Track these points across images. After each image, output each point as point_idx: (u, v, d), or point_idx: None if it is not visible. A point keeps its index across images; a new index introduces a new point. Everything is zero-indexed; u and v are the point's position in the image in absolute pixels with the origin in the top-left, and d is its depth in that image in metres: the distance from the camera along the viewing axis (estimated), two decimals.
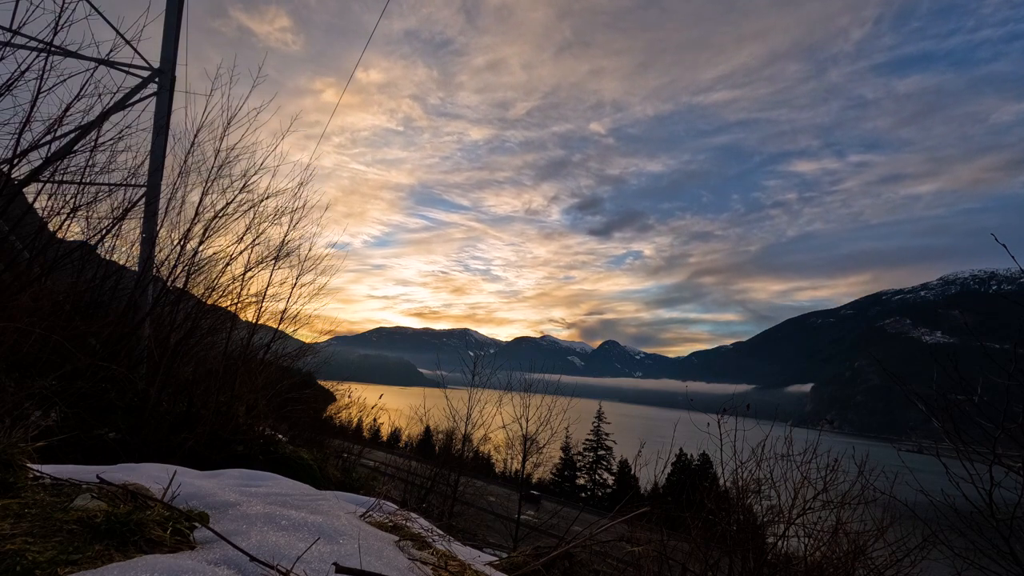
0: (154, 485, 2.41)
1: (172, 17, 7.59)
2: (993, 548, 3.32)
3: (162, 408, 5.46)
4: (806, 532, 4.38)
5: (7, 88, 4.10)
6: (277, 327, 7.56)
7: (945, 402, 3.72)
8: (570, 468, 60.98)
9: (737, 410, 5.30)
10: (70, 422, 3.84)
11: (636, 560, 3.99)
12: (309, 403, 10.09)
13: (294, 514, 2.29)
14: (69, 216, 5.56)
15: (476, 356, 13.62)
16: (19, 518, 1.80)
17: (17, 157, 4.32)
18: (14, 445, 2.09)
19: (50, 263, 5.40)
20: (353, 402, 14.25)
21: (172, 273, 6.29)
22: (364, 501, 3.41)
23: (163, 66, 7.56)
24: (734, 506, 4.76)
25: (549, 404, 13.19)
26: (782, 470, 4.70)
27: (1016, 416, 3.27)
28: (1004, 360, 3.36)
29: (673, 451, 6.45)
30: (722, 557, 4.40)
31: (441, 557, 2.56)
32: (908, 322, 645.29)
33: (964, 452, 3.49)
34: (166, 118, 7.48)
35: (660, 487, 11.08)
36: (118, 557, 1.66)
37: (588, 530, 3.68)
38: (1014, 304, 3.78)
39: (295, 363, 9.05)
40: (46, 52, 4.28)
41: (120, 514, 1.85)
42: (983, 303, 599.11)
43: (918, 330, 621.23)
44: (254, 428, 6.24)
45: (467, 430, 12.86)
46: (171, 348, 5.72)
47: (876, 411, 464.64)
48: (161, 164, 7.17)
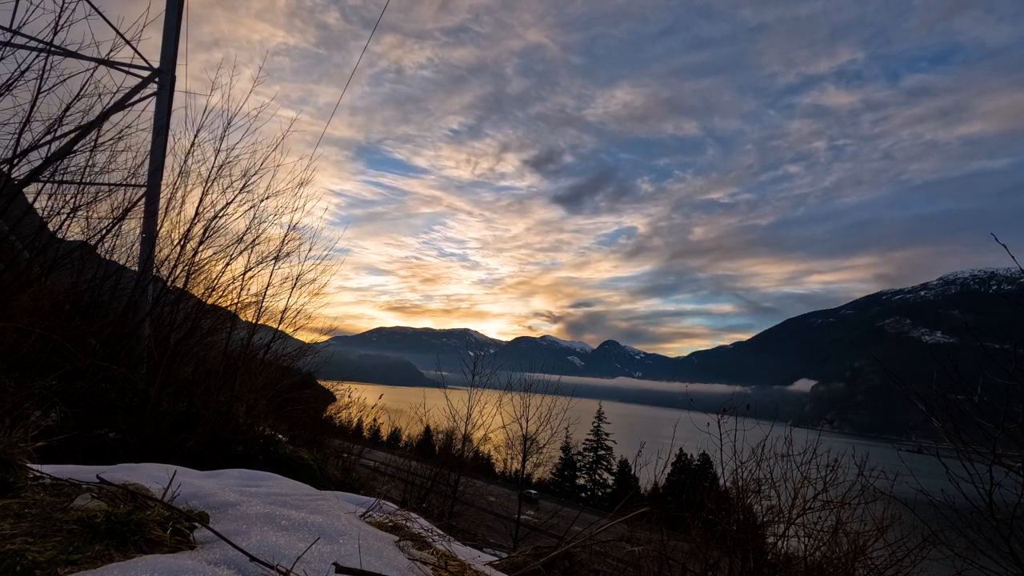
0: (154, 485, 2.41)
1: (172, 17, 7.59)
2: (993, 548, 3.32)
3: (162, 408, 5.46)
4: (806, 532, 4.38)
5: (7, 88, 4.10)
6: (277, 327, 7.57)
7: (945, 402, 3.72)
8: (570, 468, 61.00)
9: (737, 410, 5.30)
10: (70, 422, 3.84)
11: (636, 560, 3.99)
12: (309, 403, 10.10)
13: (294, 514, 2.29)
14: (69, 216, 5.56)
15: (476, 356, 13.62)
16: (19, 518, 1.80)
17: (17, 157, 4.32)
18: (14, 445, 2.09)
19: (50, 263, 5.40)
20: (353, 402, 14.27)
21: (172, 273, 6.29)
22: (364, 501, 3.41)
23: (163, 66, 7.56)
24: (734, 506, 4.77)
25: (549, 404, 13.19)
26: (782, 470, 4.70)
27: (1016, 416, 3.27)
28: (1004, 360, 3.36)
29: (673, 451, 6.45)
30: (722, 557, 4.40)
31: (441, 557, 2.56)
32: (908, 322, 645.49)
33: (964, 452, 3.49)
34: (166, 118, 7.47)
35: (660, 487, 11.08)
36: (118, 557, 1.66)
37: (588, 530, 3.68)
38: (1014, 304, 3.78)
39: (295, 363, 9.05)
40: (46, 52, 4.28)
41: (120, 514, 1.85)
42: (983, 303, 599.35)
43: (918, 330, 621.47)
44: (254, 428, 6.24)
45: (467, 430, 12.86)
46: (171, 348, 5.72)
47: (876, 411, 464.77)
48: (161, 164, 7.17)
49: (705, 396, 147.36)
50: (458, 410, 12.75)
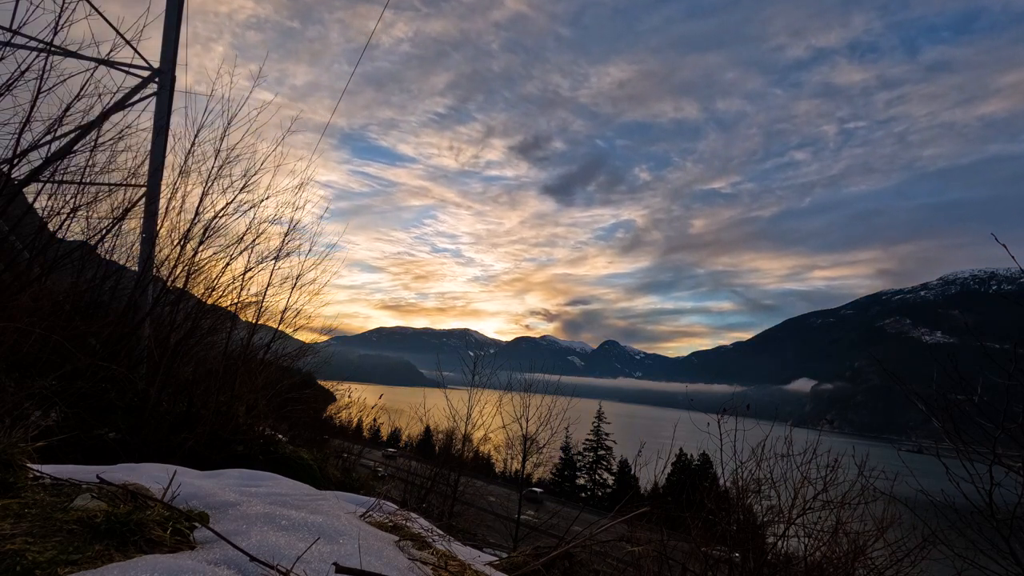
0: (154, 485, 2.41)
1: (172, 17, 7.59)
2: (993, 548, 3.32)
3: (162, 408, 5.46)
4: (806, 532, 4.38)
5: (7, 88, 4.10)
6: (277, 327, 7.57)
7: (945, 402, 3.72)
8: (570, 468, 61.02)
9: (737, 410, 5.31)
10: (70, 422, 3.84)
11: (636, 560, 3.99)
12: (309, 403, 10.10)
13: (294, 514, 2.29)
14: (69, 216, 5.56)
15: (476, 356, 13.62)
16: (19, 518, 1.80)
17: (17, 157, 4.32)
18: (14, 445, 2.09)
19: (50, 263, 5.40)
20: (353, 402, 14.27)
21: (172, 273, 6.29)
22: (364, 501, 3.41)
23: (163, 66, 7.56)
24: (734, 506, 4.77)
25: (549, 404, 13.19)
26: (782, 470, 4.70)
27: (1016, 416, 3.27)
28: (1004, 360, 3.36)
29: (673, 451, 6.46)
30: (722, 557, 4.40)
31: (441, 557, 2.56)
32: (908, 322, 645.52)
33: (964, 452, 3.49)
34: (166, 118, 7.48)
35: (660, 487, 11.08)
36: (118, 557, 1.66)
37: (588, 530, 3.68)
38: (1014, 304, 3.78)
39: (295, 363, 9.05)
40: (46, 52, 4.28)
41: (120, 514, 1.85)
42: (983, 303, 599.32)
43: (918, 330, 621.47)
44: (254, 428, 6.24)
45: (467, 430, 12.86)
46: (171, 348, 5.72)
47: (876, 411, 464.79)
48: (161, 164, 7.17)
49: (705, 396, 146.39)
50: (458, 410, 12.75)
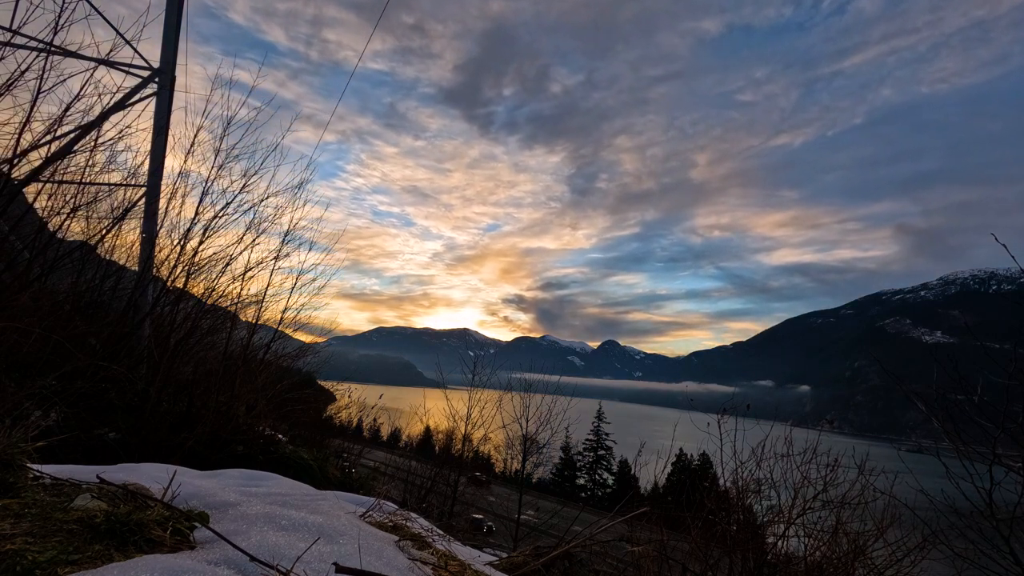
0: (154, 485, 2.41)
1: (172, 17, 7.59)
2: (993, 548, 3.33)
3: (162, 408, 5.46)
4: (806, 532, 4.38)
5: (7, 88, 4.10)
6: (277, 327, 7.56)
7: (945, 402, 3.72)
8: (570, 468, 61.01)
9: (737, 410, 5.31)
10: (70, 422, 3.84)
11: (636, 560, 3.99)
12: (309, 403, 10.09)
13: (294, 514, 2.29)
14: (69, 216, 5.57)
15: (476, 356, 13.63)
16: (19, 518, 1.80)
17: (17, 157, 4.32)
18: (14, 445, 2.09)
19: (50, 263, 5.40)
20: (353, 402, 14.25)
21: (172, 273, 6.29)
22: (364, 501, 3.41)
23: (163, 66, 7.56)
24: (734, 506, 4.77)
25: (549, 404, 13.18)
26: (782, 470, 4.71)
27: (1016, 416, 3.27)
28: (1004, 360, 3.36)
29: (673, 451, 6.46)
30: (722, 557, 4.40)
31: (441, 557, 2.56)
32: (908, 322, 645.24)
33: (964, 452, 3.49)
34: (166, 118, 7.47)
35: (660, 487, 11.09)
36: (118, 557, 1.66)
37: (588, 530, 3.68)
38: (1014, 304, 3.78)
39: (295, 363, 9.05)
40: (46, 52, 4.28)
41: (120, 514, 1.85)
42: (983, 303, 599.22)
43: (918, 330, 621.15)
44: (254, 428, 6.24)
45: (467, 430, 12.86)
46: (171, 348, 5.72)
47: (876, 411, 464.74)
48: (161, 164, 7.17)
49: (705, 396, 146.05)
50: (458, 410, 12.75)
